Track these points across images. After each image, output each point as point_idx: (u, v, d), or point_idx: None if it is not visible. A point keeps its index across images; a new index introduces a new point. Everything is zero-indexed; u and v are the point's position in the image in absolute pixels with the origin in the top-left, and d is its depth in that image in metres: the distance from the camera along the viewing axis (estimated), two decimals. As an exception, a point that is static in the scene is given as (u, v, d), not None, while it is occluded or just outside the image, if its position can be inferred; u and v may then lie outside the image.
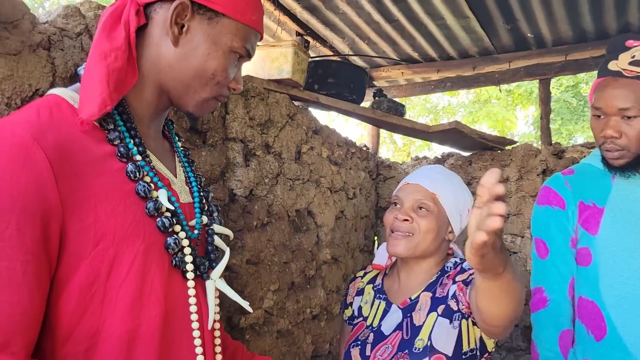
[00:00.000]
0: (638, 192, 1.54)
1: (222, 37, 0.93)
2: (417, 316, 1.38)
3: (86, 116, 0.82)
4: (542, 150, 2.79)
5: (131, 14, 0.89)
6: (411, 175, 1.52)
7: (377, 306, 1.49)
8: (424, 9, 2.53)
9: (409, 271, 1.48)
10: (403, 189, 1.48)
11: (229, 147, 1.87)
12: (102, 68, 0.85)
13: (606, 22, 2.63)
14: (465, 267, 1.40)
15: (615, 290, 1.50)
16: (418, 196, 1.44)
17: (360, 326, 1.48)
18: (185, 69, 0.93)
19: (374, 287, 1.54)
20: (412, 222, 1.41)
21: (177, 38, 0.91)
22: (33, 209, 0.74)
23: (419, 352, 1.31)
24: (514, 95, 8.22)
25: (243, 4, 0.94)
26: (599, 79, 1.50)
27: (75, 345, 0.81)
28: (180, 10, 0.90)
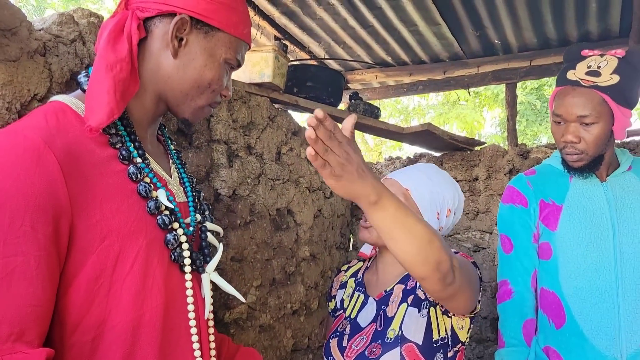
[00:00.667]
0: (593, 190, 1.66)
1: (217, 49, 1.02)
2: (389, 308, 1.45)
3: (95, 124, 0.89)
4: (509, 151, 2.93)
5: (133, 27, 0.97)
6: (393, 172, 1.58)
7: (356, 299, 1.57)
8: (398, 15, 2.64)
9: (385, 263, 1.55)
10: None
11: (213, 148, 1.94)
12: (108, 79, 0.92)
13: (568, 30, 2.79)
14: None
15: (573, 282, 1.62)
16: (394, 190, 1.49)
17: (340, 318, 1.57)
18: (184, 79, 1.00)
19: (355, 280, 1.62)
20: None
21: (176, 51, 0.99)
22: (45, 207, 0.81)
23: (391, 342, 1.36)
24: (481, 97, 8.46)
25: (236, 19, 1.03)
26: (559, 87, 1.61)
27: (82, 335, 0.87)
28: (180, 25, 0.98)
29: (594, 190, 1.66)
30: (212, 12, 0.99)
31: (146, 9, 0.97)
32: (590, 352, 1.57)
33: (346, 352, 1.43)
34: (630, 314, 1.57)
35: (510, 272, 1.71)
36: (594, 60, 1.58)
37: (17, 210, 0.78)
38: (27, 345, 0.77)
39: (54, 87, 1.31)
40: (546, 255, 1.68)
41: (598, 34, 2.82)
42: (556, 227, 1.65)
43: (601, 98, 1.52)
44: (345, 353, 1.43)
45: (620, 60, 1.55)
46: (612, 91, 1.52)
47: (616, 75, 1.52)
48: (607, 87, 1.52)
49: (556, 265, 1.64)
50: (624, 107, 1.55)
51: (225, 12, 1.01)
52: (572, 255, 1.62)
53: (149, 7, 0.97)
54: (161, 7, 0.97)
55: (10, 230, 0.77)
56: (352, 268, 1.67)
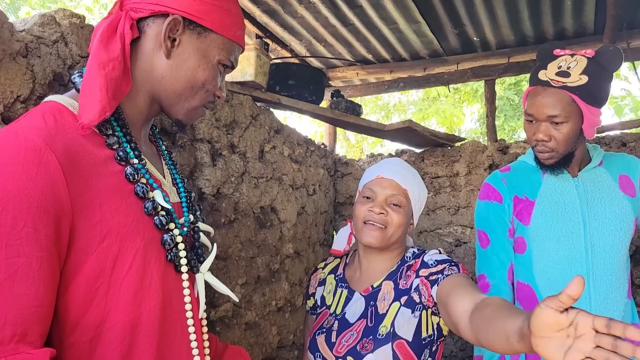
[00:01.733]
0: (565, 186, 1.70)
1: (210, 50, 1.02)
2: (380, 305, 1.48)
3: (87, 121, 0.89)
4: (489, 146, 2.98)
5: (126, 27, 0.97)
6: (382, 168, 1.58)
7: (340, 294, 1.58)
8: (378, 14, 2.67)
9: (372, 260, 1.57)
10: (378, 182, 1.54)
11: (197, 147, 1.94)
12: (101, 77, 0.92)
13: (544, 27, 2.84)
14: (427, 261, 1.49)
15: (547, 274, 1.66)
16: (393, 191, 1.52)
17: (324, 314, 1.58)
18: (177, 79, 1.01)
19: (336, 276, 1.63)
20: (387, 215, 1.49)
21: (169, 51, 0.99)
22: (47, 208, 0.81)
23: (383, 338, 1.40)
24: (460, 93, 8.55)
25: (229, 21, 1.04)
26: (530, 87, 1.64)
27: (81, 334, 0.87)
28: (172, 26, 0.98)
29: (565, 186, 1.70)
30: (205, 13, 1.00)
31: (139, 9, 0.98)
32: None
33: (335, 347, 1.44)
34: (601, 304, 1.61)
35: (487, 266, 1.73)
36: (565, 60, 1.61)
37: (20, 212, 0.78)
38: (30, 346, 0.77)
39: (37, 89, 1.31)
40: (521, 249, 1.72)
41: (573, 31, 2.88)
42: (529, 221, 1.69)
43: (570, 98, 1.55)
44: (334, 349, 1.44)
45: (590, 60, 1.58)
46: (581, 91, 1.55)
47: (585, 76, 1.55)
48: (576, 87, 1.55)
49: (530, 259, 1.69)
50: (593, 107, 1.58)
51: (218, 14, 1.01)
52: (545, 249, 1.66)
53: (142, 7, 0.98)
54: (154, 7, 0.98)
55: (12, 231, 0.77)
56: (329, 265, 1.68)
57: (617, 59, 1.60)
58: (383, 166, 1.59)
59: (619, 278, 1.66)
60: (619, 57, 1.61)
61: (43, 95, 1.33)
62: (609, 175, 1.74)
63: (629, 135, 2.74)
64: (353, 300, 1.54)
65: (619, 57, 1.60)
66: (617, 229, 1.67)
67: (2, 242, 0.77)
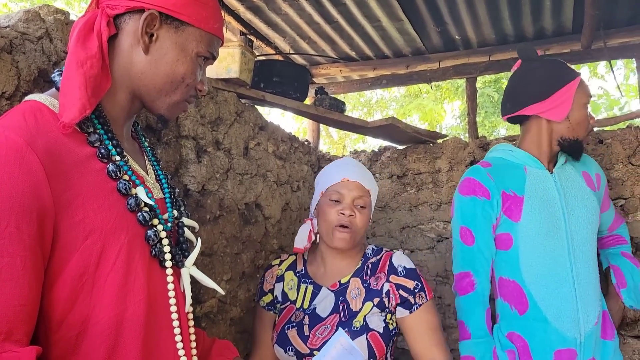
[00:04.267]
0: (546, 181, 1.77)
1: (188, 44, 1.03)
2: (353, 302, 1.58)
3: (67, 120, 0.89)
4: (470, 143, 3.03)
5: (102, 24, 0.97)
6: (346, 171, 1.66)
7: (305, 290, 1.64)
8: (362, 11, 2.70)
9: (336, 256, 1.67)
10: (344, 185, 1.62)
11: (182, 144, 1.94)
12: (79, 75, 0.92)
13: (524, 27, 2.90)
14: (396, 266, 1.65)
15: (534, 269, 1.70)
16: (359, 193, 1.62)
17: (289, 309, 1.63)
18: (157, 74, 1.02)
19: (296, 273, 1.69)
20: (355, 217, 1.60)
21: (147, 46, 1.00)
22: (30, 208, 0.81)
23: (358, 330, 1.52)
24: (442, 90, 8.64)
25: (206, 14, 1.05)
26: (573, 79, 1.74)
27: (67, 331, 0.88)
28: (149, 21, 0.99)
29: (546, 181, 1.76)
30: (181, 7, 1.00)
31: (115, 6, 0.98)
32: (554, 335, 1.67)
33: (310, 340, 1.51)
34: (585, 296, 1.69)
35: (472, 263, 1.74)
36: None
37: (2, 212, 0.79)
38: (16, 344, 0.78)
39: (22, 85, 1.30)
40: (506, 245, 1.74)
41: (552, 30, 2.94)
42: (519, 217, 1.71)
43: None
44: (308, 341, 1.51)
45: None
46: None
47: None
48: None
49: (517, 255, 1.71)
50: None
51: (194, 7, 1.02)
52: (532, 245, 1.70)
53: (118, 4, 0.98)
54: (130, 3, 0.98)
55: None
56: (284, 262, 1.74)
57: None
58: (345, 168, 1.67)
59: (595, 269, 1.75)
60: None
61: (28, 92, 1.32)
62: (576, 172, 1.83)
63: (605, 132, 2.80)
64: (321, 295, 1.62)
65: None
66: (590, 222, 1.75)
67: None
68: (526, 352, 1.69)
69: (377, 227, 3.14)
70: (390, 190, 3.14)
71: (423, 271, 2.99)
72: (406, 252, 3.05)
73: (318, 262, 1.71)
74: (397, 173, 3.14)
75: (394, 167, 3.14)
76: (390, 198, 3.13)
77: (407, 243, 3.07)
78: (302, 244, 1.68)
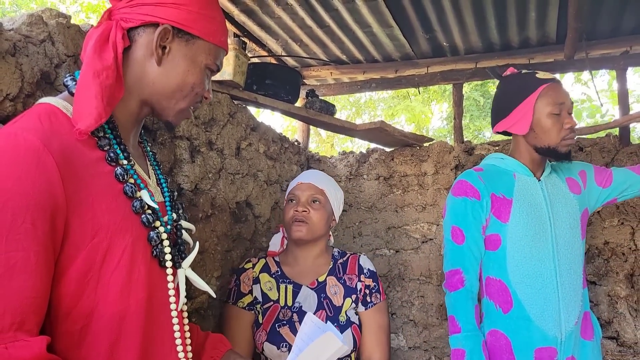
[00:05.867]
0: (533, 187, 1.86)
1: (198, 56, 1.09)
2: (334, 298, 1.79)
3: (84, 127, 0.95)
4: (455, 147, 3.11)
5: (118, 37, 1.03)
6: (302, 177, 1.91)
7: (285, 289, 1.78)
8: (353, 17, 2.76)
9: (307, 256, 1.86)
10: (298, 187, 1.87)
11: (176, 144, 2.00)
12: (96, 85, 0.98)
13: (510, 36, 2.99)
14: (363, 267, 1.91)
15: (520, 270, 1.78)
16: (312, 192, 1.85)
17: (274, 309, 1.74)
18: (168, 84, 1.08)
19: (272, 274, 1.83)
20: (309, 213, 1.81)
21: (160, 58, 1.06)
22: (44, 206, 0.86)
23: (344, 324, 1.72)
24: (429, 92, 8.73)
25: (214, 28, 1.11)
26: (543, 85, 1.80)
27: (72, 324, 0.93)
28: (163, 35, 1.05)
29: (534, 187, 1.86)
30: (193, 22, 1.07)
31: (130, 19, 1.04)
32: (536, 333, 1.76)
33: None
34: (567, 296, 1.78)
35: (462, 261, 1.81)
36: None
37: (19, 209, 0.84)
38: (27, 334, 0.83)
39: (25, 87, 1.35)
40: (494, 246, 1.83)
41: (537, 40, 3.02)
42: (508, 219, 1.80)
43: None
44: None
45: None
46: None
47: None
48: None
49: (504, 255, 1.80)
50: None
51: (204, 22, 1.09)
52: (520, 246, 1.79)
53: (133, 17, 1.04)
54: (145, 18, 1.04)
55: (12, 227, 0.83)
56: (257, 265, 1.88)
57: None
58: (303, 175, 1.93)
59: (577, 271, 1.84)
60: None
61: (31, 94, 1.37)
62: (560, 179, 1.93)
63: (585, 140, 2.90)
64: (302, 293, 1.79)
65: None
66: (573, 226, 1.85)
67: (2, 237, 0.83)
68: (508, 349, 1.78)
69: (363, 227, 3.22)
70: (377, 191, 3.21)
71: (407, 270, 3.07)
72: (391, 252, 3.14)
73: (292, 262, 1.88)
74: (384, 175, 3.21)
75: (381, 169, 3.22)
76: (377, 199, 3.21)
77: (392, 243, 3.15)
78: (276, 248, 1.89)
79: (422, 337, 2.97)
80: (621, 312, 2.58)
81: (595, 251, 2.69)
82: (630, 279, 2.61)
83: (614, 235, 2.67)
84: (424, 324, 2.97)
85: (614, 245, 2.66)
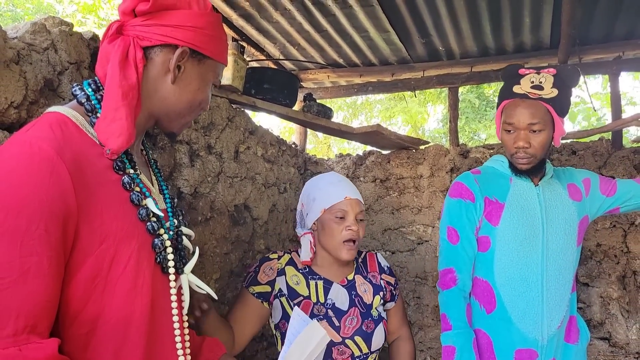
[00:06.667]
0: (529, 192, 1.87)
1: (207, 74, 1.15)
2: (365, 296, 1.84)
3: (116, 147, 0.99)
4: (451, 150, 3.15)
5: (138, 56, 1.06)
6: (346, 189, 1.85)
7: (315, 285, 1.79)
8: (350, 22, 2.79)
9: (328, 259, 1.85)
10: (348, 203, 1.81)
11: (176, 149, 2.03)
12: (125, 106, 1.01)
13: (504, 41, 3.03)
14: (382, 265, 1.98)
15: (506, 272, 1.81)
16: (360, 208, 1.84)
17: (306, 304, 1.76)
18: (180, 101, 1.12)
19: (299, 269, 1.83)
20: (359, 231, 1.81)
21: (176, 77, 1.10)
22: (57, 213, 0.89)
23: (377, 319, 1.80)
24: (425, 94, 8.78)
25: (221, 48, 1.16)
26: (508, 100, 1.79)
27: (78, 328, 0.96)
28: (180, 56, 1.09)
29: (529, 193, 1.87)
30: (205, 44, 1.11)
31: (147, 38, 1.06)
32: (516, 335, 1.80)
33: (342, 330, 1.74)
34: (552, 301, 1.80)
35: (456, 260, 1.85)
36: (534, 77, 1.79)
37: (34, 215, 0.87)
38: (40, 336, 0.86)
39: (29, 95, 1.37)
40: (484, 247, 1.86)
41: (531, 45, 3.07)
42: (498, 222, 1.83)
43: (546, 109, 1.74)
44: (341, 331, 1.74)
45: (555, 76, 1.77)
46: (554, 103, 1.74)
47: (555, 89, 1.75)
48: (550, 99, 1.74)
49: (492, 257, 1.83)
50: (561, 117, 1.79)
51: (214, 43, 1.13)
52: (508, 249, 1.81)
53: (151, 37, 1.06)
54: (164, 39, 1.07)
55: (27, 232, 0.86)
56: (283, 258, 1.89)
57: (576, 76, 1.81)
58: (344, 187, 1.86)
59: (567, 277, 1.85)
60: (578, 75, 1.81)
61: (35, 101, 1.40)
62: (560, 185, 1.93)
63: (578, 144, 2.95)
64: (334, 290, 1.81)
65: (577, 74, 1.81)
66: (567, 233, 1.86)
67: (17, 242, 0.85)
68: (490, 348, 1.82)
69: (360, 229, 3.25)
70: (373, 193, 3.25)
71: (403, 272, 3.11)
72: (387, 253, 3.17)
73: (321, 263, 1.89)
74: (381, 177, 3.25)
75: (377, 171, 3.26)
76: (374, 201, 3.25)
77: (388, 245, 3.19)
78: (308, 257, 1.86)
79: (417, 337, 3.01)
80: (613, 313, 2.62)
81: (588, 253, 2.73)
82: (622, 281, 2.65)
83: (607, 237, 2.71)
84: (419, 324, 3.01)
85: (606, 247, 2.71)
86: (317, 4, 2.59)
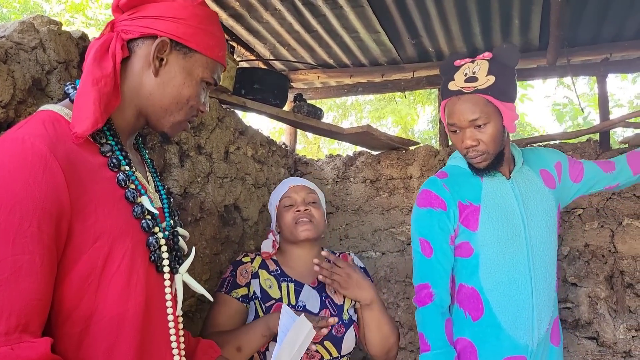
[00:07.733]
0: (502, 188, 1.77)
1: (195, 69, 1.12)
2: (335, 297, 1.80)
3: (81, 131, 0.97)
4: (440, 151, 3.17)
5: (117, 47, 1.06)
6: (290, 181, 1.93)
7: (287, 287, 1.79)
8: (340, 23, 2.80)
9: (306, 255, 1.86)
10: (292, 190, 1.89)
11: (166, 149, 2.02)
12: (94, 92, 1.00)
13: (494, 42, 3.04)
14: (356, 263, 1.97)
15: (493, 277, 1.72)
16: (307, 191, 1.88)
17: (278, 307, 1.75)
18: (164, 96, 1.10)
19: (271, 272, 1.83)
20: (311, 211, 1.84)
21: (157, 70, 1.08)
22: (50, 210, 0.89)
23: (347, 322, 1.77)
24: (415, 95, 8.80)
25: (212, 43, 1.14)
26: (445, 99, 1.71)
27: (72, 327, 0.95)
28: (160, 47, 1.08)
29: (503, 188, 1.77)
30: (191, 36, 1.10)
31: (130, 31, 1.07)
32: (506, 342, 1.70)
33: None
34: (541, 303, 1.73)
35: (431, 275, 1.74)
36: (468, 68, 1.68)
37: (26, 213, 0.86)
38: (32, 335, 0.85)
39: (17, 94, 1.36)
40: (466, 253, 1.75)
41: (520, 46, 3.08)
42: (477, 227, 1.73)
43: (485, 99, 1.63)
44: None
45: (491, 61, 1.66)
46: (493, 90, 1.62)
47: (491, 76, 1.62)
48: (487, 88, 1.62)
49: (477, 262, 1.73)
50: (507, 102, 1.66)
51: (202, 36, 1.11)
52: (491, 252, 1.72)
53: (133, 29, 1.07)
54: (144, 30, 1.07)
55: (19, 230, 0.85)
56: (255, 260, 1.88)
57: (514, 54, 1.69)
58: (289, 180, 1.95)
59: (552, 273, 1.78)
60: (516, 53, 1.69)
61: (23, 101, 1.38)
62: (533, 172, 1.83)
63: (566, 145, 2.98)
64: (305, 292, 1.80)
65: (515, 52, 1.69)
66: (548, 224, 1.78)
67: (9, 240, 0.84)
68: (474, 358, 1.71)
69: (349, 230, 3.26)
70: (363, 194, 3.25)
71: (393, 272, 3.12)
72: (377, 254, 3.18)
73: (291, 263, 1.90)
74: (371, 178, 3.25)
75: (367, 172, 3.26)
76: (364, 202, 3.25)
77: (378, 245, 3.19)
78: (269, 248, 1.90)
79: (407, 338, 3.02)
80: (601, 312, 2.64)
81: (576, 253, 2.75)
82: (609, 281, 2.68)
83: (594, 237, 2.74)
84: (409, 325, 3.02)
85: (594, 247, 2.73)
86: (307, 5, 2.59)
